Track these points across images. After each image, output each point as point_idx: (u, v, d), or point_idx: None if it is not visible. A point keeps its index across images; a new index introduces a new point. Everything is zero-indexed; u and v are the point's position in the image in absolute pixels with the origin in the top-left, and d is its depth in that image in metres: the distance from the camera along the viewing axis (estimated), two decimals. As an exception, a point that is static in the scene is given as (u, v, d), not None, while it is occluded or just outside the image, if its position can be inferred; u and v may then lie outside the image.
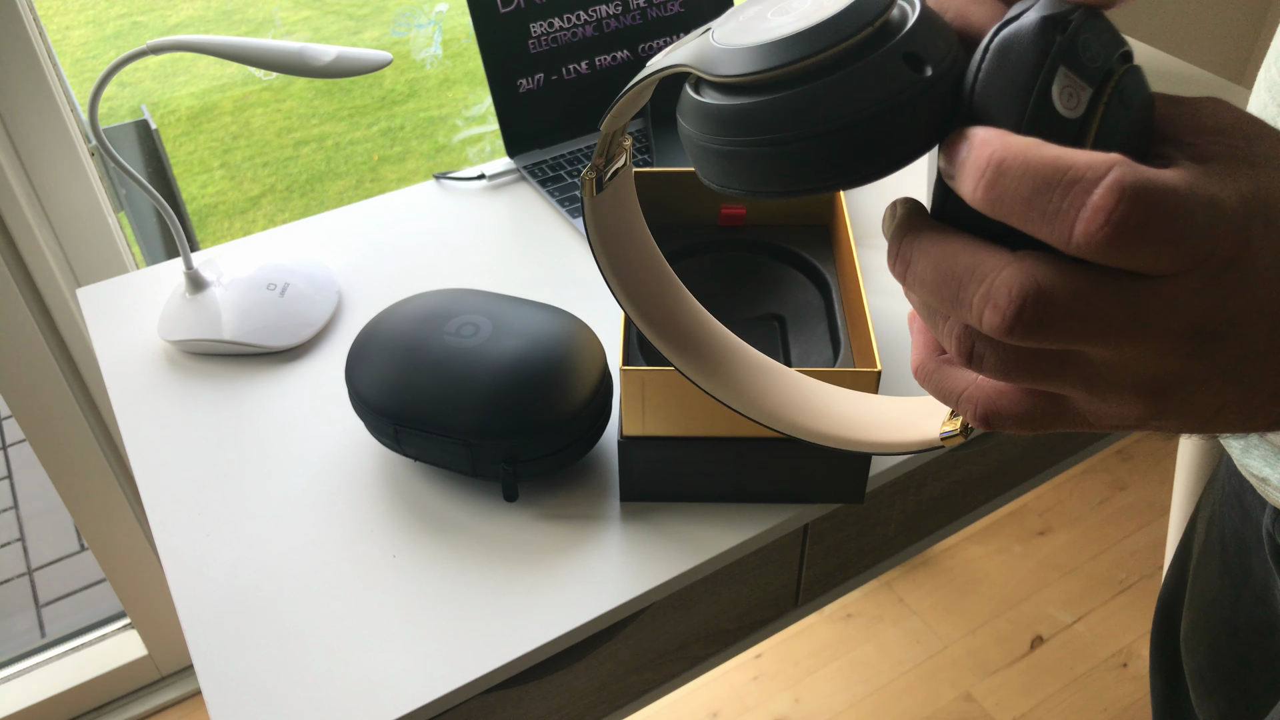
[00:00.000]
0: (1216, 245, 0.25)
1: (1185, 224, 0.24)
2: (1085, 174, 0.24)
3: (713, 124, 0.30)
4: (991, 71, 0.27)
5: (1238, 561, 0.68)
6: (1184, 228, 0.24)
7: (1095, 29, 0.27)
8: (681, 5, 1.11)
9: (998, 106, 0.27)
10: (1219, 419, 0.29)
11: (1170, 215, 0.24)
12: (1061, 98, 0.27)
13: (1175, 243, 0.25)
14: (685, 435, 0.67)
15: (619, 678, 0.76)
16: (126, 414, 0.79)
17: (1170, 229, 0.24)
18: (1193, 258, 0.25)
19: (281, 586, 0.67)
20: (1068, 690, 1.49)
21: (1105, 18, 0.28)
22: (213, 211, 2.77)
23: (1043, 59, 0.27)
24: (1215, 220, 0.25)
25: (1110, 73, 0.27)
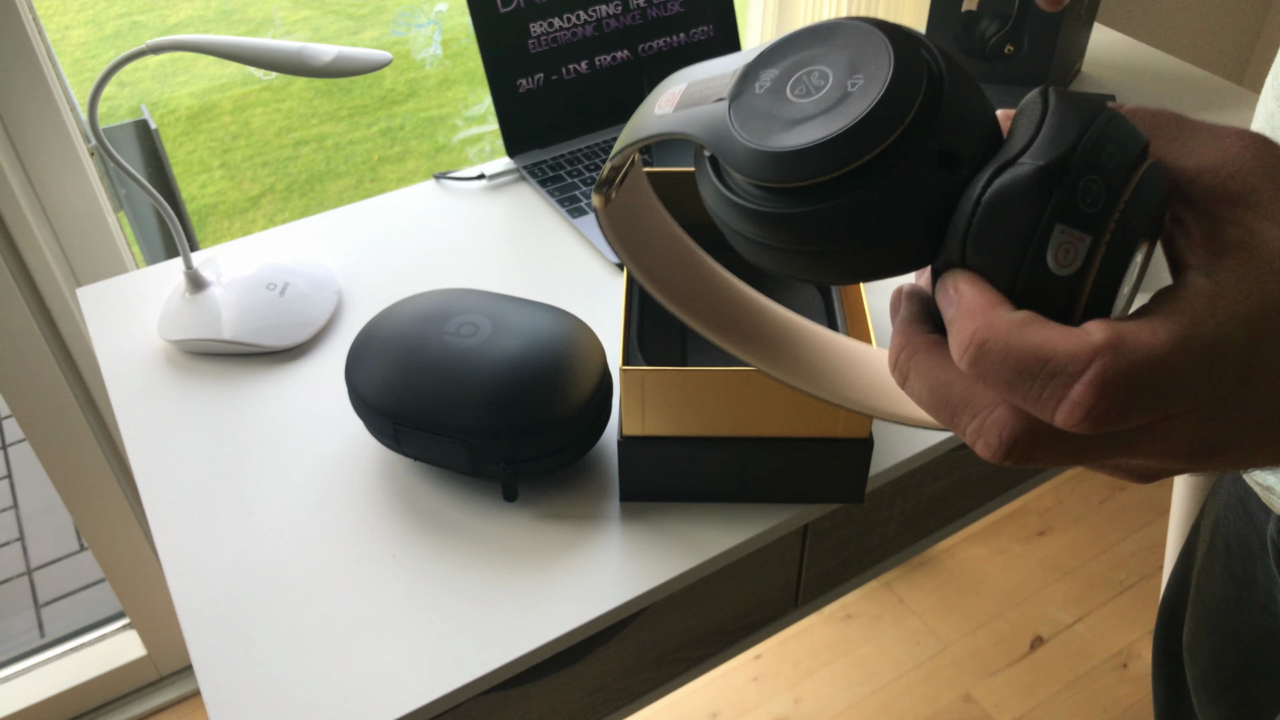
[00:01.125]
0: (1214, 388, 0.25)
1: (1173, 392, 0.25)
2: (1065, 366, 0.24)
3: (743, 219, 0.28)
4: (982, 229, 0.26)
5: (1241, 567, 0.67)
6: (1171, 396, 0.25)
7: (1100, 158, 0.25)
8: (681, 5, 1.11)
9: (990, 265, 0.26)
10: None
11: (1156, 390, 0.24)
12: (1057, 256, 0.25)
13: (1163, 409, 0.25)
14: (685, 435, 0.67)
15: (619, 678, 0.76)
16: (126, 414, 0.79)
17: (1156, 402, 0.24)
18: (1185, 407, 0.25)
19: (281, 586, 0.67)
20: (1068, 691, 1.49)
21: (1121, 119, 0.26)
22: (212, 211, 2.77)
23: (1036, 221, 0.25)
24: (1213, 367, 0.25)
25: (1116, 199, 0.25)
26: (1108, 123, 0.25)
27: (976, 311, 0.26)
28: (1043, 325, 0.25)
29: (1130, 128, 0.26)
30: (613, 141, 1.08)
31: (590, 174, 1.04)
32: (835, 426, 0.66)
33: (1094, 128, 0.25)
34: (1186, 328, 0.25)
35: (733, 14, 1.14)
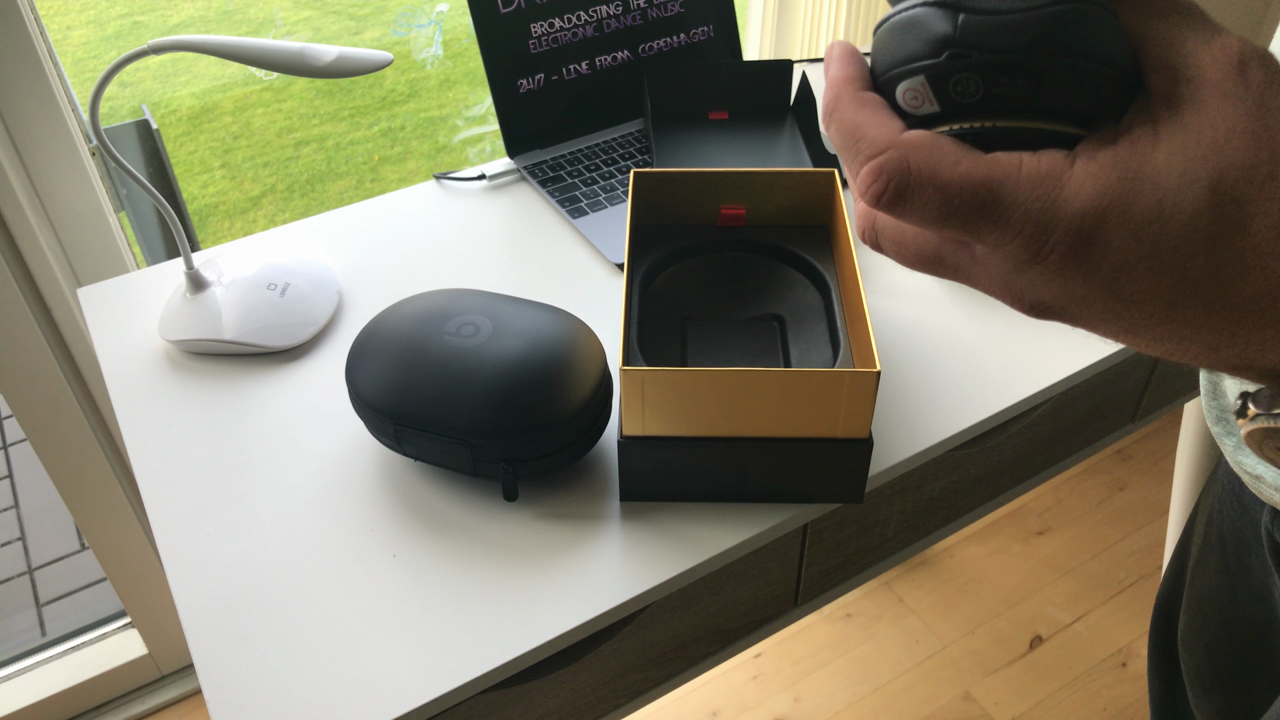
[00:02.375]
0: (1002, 239, 0.28)
1: (948, 212, 0.28)
2: (867, 147, 0.29)
3: None
4: (875, 41, 0.32)
5: (1236, 560, 0.68)
6: (946, 215, 0.28)
7: (991, 39, 0.28)
8: (682, 6, 1.11)
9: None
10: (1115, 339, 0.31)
11: (929, 203, 0.28)
12: (904, 97, 0.30)
13: (939, 224, 0.29)
14: (685, 435, 0.67)
15: (619, 676, 0.76)
16: (127, 413, 0.80)
17: (930, 214, 0.28)
18: (973, 238, 0.29)
19: (282, 585, 0.67)
20: (1067, 690, 1.49)
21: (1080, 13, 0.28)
22: (213, 211, 2.78)
23: (893, 60, 0.30)
24: (999, 219, 0.28)
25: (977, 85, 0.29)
26: (1048, 10, 0.28)
27: (832, 84, 0.31)
28: (872, 108, 0.30)
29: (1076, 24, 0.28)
30: (613, 142, 1.09)
31: (590, 174, 1.04)
32: (835, 426, 0.67)
33: (1024, 15, 0.28)
34: (994, 177, 0.28)
35: (733, 14, 1.15)
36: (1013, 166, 0.28)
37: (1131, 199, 0.27)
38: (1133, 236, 0.27)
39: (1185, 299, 0.27)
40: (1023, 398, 0.79)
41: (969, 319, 0.86)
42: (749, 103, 1.10)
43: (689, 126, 1.08)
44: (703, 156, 1.04)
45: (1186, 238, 0.26)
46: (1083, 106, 0.29)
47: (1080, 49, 0.28)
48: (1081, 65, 0.28)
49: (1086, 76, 0.28)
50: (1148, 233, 0.27)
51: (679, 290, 0.80)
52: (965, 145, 0.29)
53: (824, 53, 0.34)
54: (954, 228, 0.28)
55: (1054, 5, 0.28)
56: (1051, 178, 0.27)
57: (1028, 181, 0.28)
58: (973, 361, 0.82)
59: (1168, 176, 0.26)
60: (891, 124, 0.29)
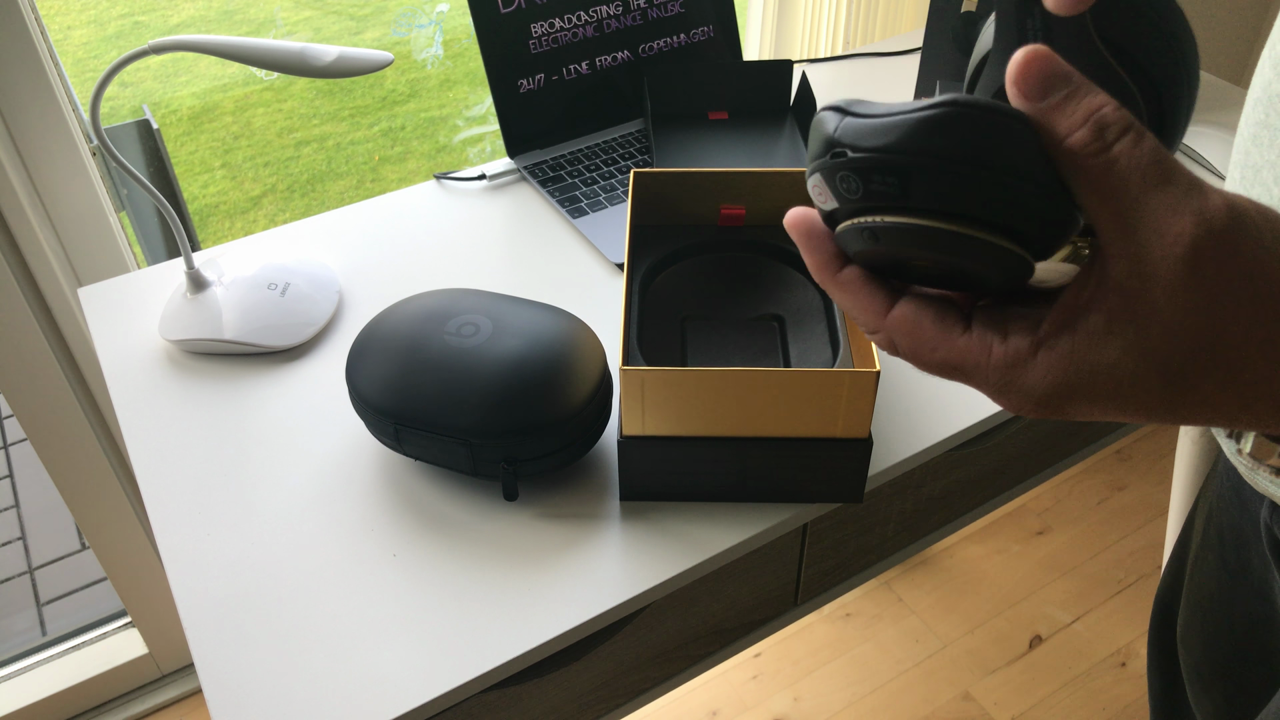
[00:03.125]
0: (992, 396, 0.34)
1: (935, 373, 0.35)
2: (859, 325, 0.36)
3: None
4: None
5: (1235, 556, 0.68)
6: (934, 372, 0.35)
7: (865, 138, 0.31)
8: (682, 6, 1.11)
9: None
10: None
11: (919, 365, 0.35)
12: (815, 192, 0.34)
13: (941, 375, 0.35)
14: (685, 435, 0.67)
15: (618, 676, 0.76)
16: (127, 413, 0.80)
17: (922, 369, 0.35)
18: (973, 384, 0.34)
19: (282, 585, 0.67)
20: (1066, 689, 1.49)
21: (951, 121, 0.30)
22: (214, 211, 2.78)
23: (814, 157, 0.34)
24: (975, 382, 0.34)
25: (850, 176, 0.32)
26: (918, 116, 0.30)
27: (813, 269, 0.36)
28: (853, 291, 0.35)
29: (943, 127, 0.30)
30: (613, 142, 1.09)
31: (590, 174, 1.04)
32: (835, 426, 0.67)
33: (896, 118, 0.30)
34: (967, 363, 0.33)
35: (733, 14, 1.15)
36: (983, 354, 0.32)
37: (1089, 384, 0.31)
38: (1095, 409, 0.32)
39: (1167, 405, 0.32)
40: (1022, 398, 0.79)
41: (968, 319, 0.86)
42: (749, 103, 1.10)
43: (689, 126, 1.08)
44: (703, 156, 1.04)
45: (1145, 406, 0.31)
46: (956, 206, 0.30)
47: (943, 149, 0.29)
48: (944, 166, 0.29)
49: (951, 177, 0.29)
50: (1109, 405, 0.31)
51: (679, 290, 0.80)
52: (945, 324, 0.33)
53: (786, 225, 0.38)
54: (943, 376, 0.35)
55: (926, 109, 0.29)
56: (1017, 366, 0.32)
57: (995, 368, 0.32)
58: (972, 361, 0.82)
59: (1122, 369, 0.30)
60: (875, 304, 0.34)
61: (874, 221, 0.32)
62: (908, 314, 0.34)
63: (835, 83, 1.21)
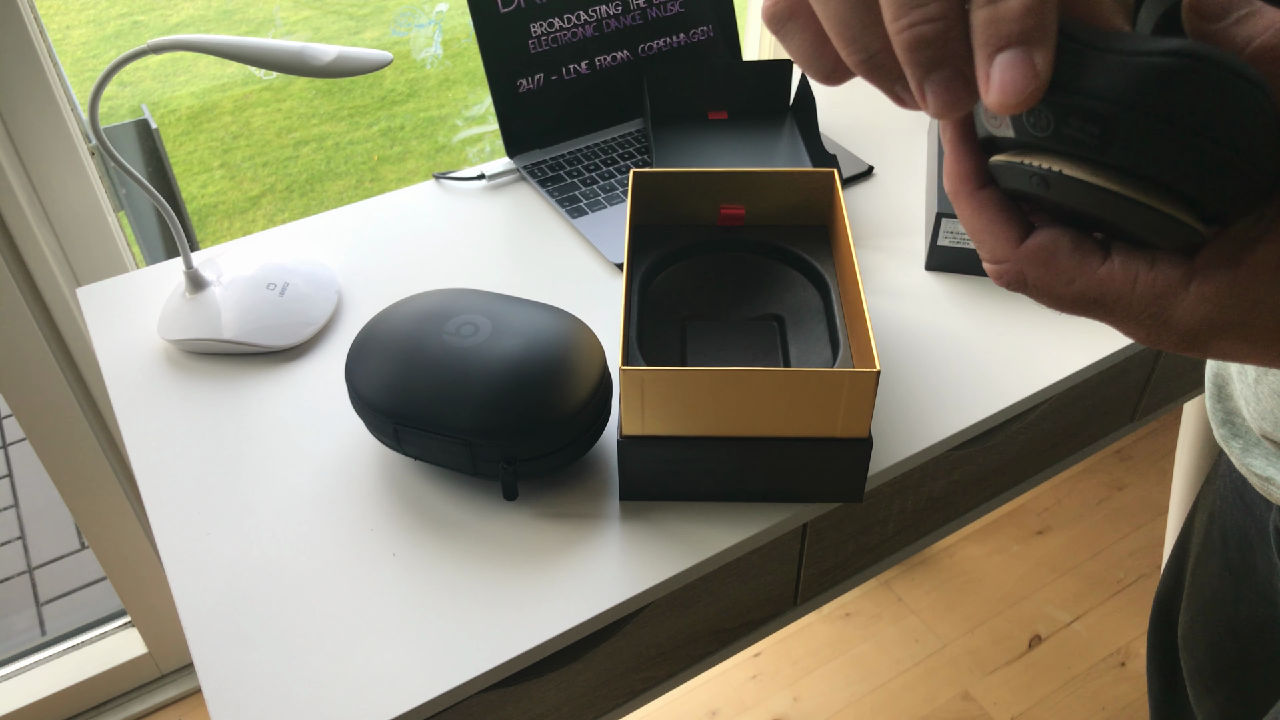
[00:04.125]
0: (1124, 325, 0.30)
1: (1067, 310, 0.31)
2: (985, 253, 0.31)
3: None
4: None
5: (1239, 558, 0.68)
6: (1065, 310, 0.31)
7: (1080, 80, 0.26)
8: (681, 5, 1.11)
9: None
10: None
11: (1048, 303, 0.31)
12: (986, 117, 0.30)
13: (1061, 311, 0.31)
14: (684, 435, 0.67)
15: (618, 676, 0.76)
16: (127, 413, 0.80)
17: (1051, 305, 0.31)
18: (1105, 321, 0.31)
19: (282, 585, 0.67)
20: (1066, 689, 1.49)
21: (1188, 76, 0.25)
22: (213, 211, 2.77)
23: None
24: (1115, 318, 0.30)
25: (1049, 116, 0.27)
26: (1145, 62, 0.25)
27: (949, 177, 0.32)
28: (988, 214, 0.31)
29: (1172, 80, 0.25)
30: (613, 142, 1.09)
31: (590, 174, 1.04)
32: (834, 426, 0.67)
33: (1119, 57, 0.26)
34: (1107, 295, 0.29)
35: (733, 14, 1.15)
36: (1127, 284, 0.29)
37: (1247, 321, 0.28)
38: (1245, 349, 0.28)
39: None
40: (1022, 397, 0.79)
41: (969, 319, 0.86)
42: (749, 103, 1.10)
43: (689, 126, 1.08)
44: (703, 156, 1.04)
45: None
46: (1164, 174, 0.26)
47: (1166, 109, 0.25)
48: (1162, 127, 0.25)
49: (1167, 141, 0.25)
50: (1267, 346, 0.28)
51: (679, 290, 0.80)
52: (1082, 253, 0.29)
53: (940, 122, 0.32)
54: (1076, 314, 0.31)
55: (1160, 56, 0.25)
56: (1166, 297, 0.28)
57: (1140, 299, 0.29)
58: (973, 361, 0.82)
59: None
60: (1009, 231, 0.30)
61: (1050, 170, 0.27)
62: (1044, 242, 0.30)
63: (835, 82, 1.21)
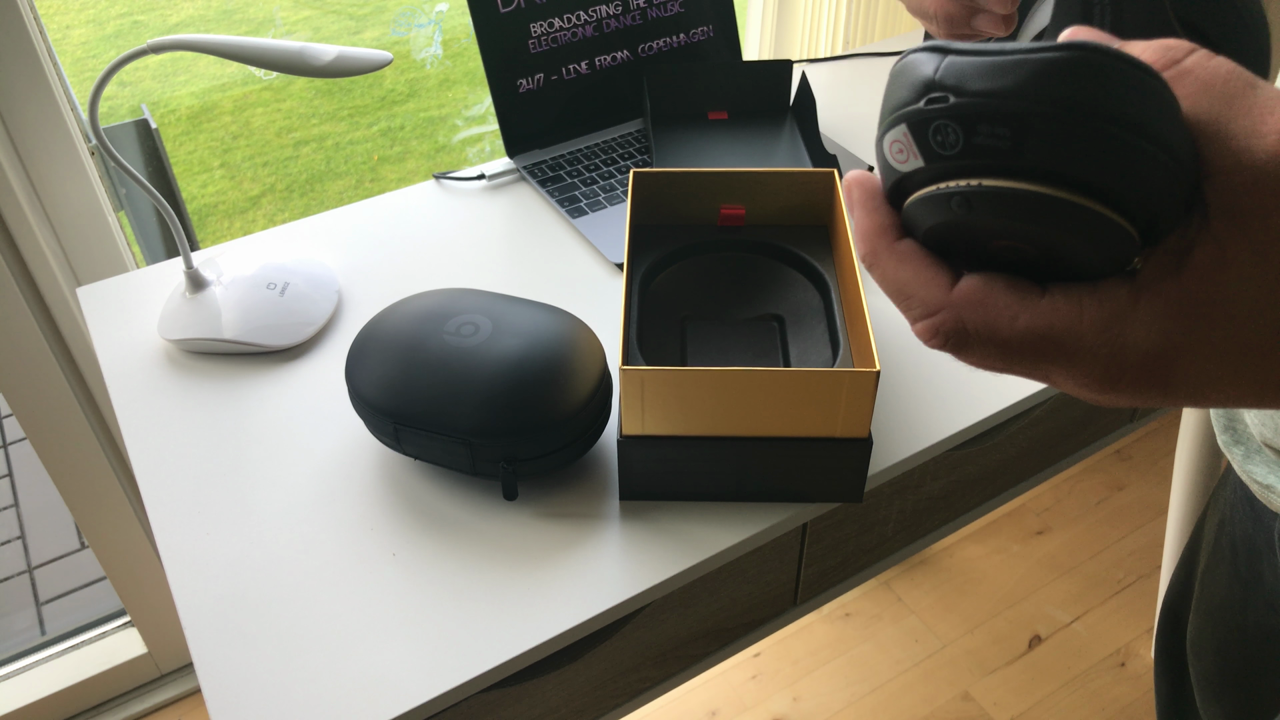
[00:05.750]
0: (1073, 372, 0.28)
1: (1012, 362, 0.29)
2: (916, 307, 0.30)
3: None
4: None
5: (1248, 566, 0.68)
6: (1010, 363, 0.29)
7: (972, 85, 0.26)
8: (681, 5, 1.11)
9: None
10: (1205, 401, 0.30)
11: (990, 354, 0.29)
12: (891, 151, 0.29)
13: (1006, 369, 0.29)
14: (684, 435, 0.67)
15: (618, 676, 0.76)
16: (127, 413, 0.80)
17: (993, 361, 0.29)
18: (1055, 373, 0.29)
19: (281, 585, 0.67)
20: (1066, 689, 1.49)
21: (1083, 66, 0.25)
22: (213, 211, 2.77)
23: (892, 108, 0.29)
24: (1067, 358, 0.28)
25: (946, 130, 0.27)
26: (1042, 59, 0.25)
27: (864, 236, 0.31)
28: (913, 264, 0.30)
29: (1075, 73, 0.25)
30: (613, 142, 1.09)
31: (590, 174, 1.04)
32: (834, 426, 0.67)
33: (1015, 57, 0.26)
34: (1056, 329, 0.28)
35: (733, 14, 1.15)
36: (1074, 315, 0.27)
37: (1206, 331, 0.26)
38: (1212, 361, 0.26)
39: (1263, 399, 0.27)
40: (1022, 397, 0.79)
41: (968, 319, 0.86)
42: (749, 103, 1.10)
43: (689, 126, 1.08)
44: (703, 156, 1.04)
45: (1269, 351, 0.26)
46: (1084, 170, 0.26)
47: (1073, 99, 0.25)
48: (1073, 119, 0.25)
49: (1080, 133, 0.25)
50: (1228, 357, 0.26)
51: (679, 290, 0.80)
52: (1019, 290, 0.28)
53: (844, 186, 0.31)
54: (1020, 369, 0.29)
55: (1055, 51, 0.25)
56: (1118, 319, 0.27)
57: (1091, 328, 0.27)
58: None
59: (1242, 303, 0.26)
60: (938, 279, 0.29)
61: (970, 186, 0.27)
62: (977, 284, 0.29)
63: (835, 83, 1.21)
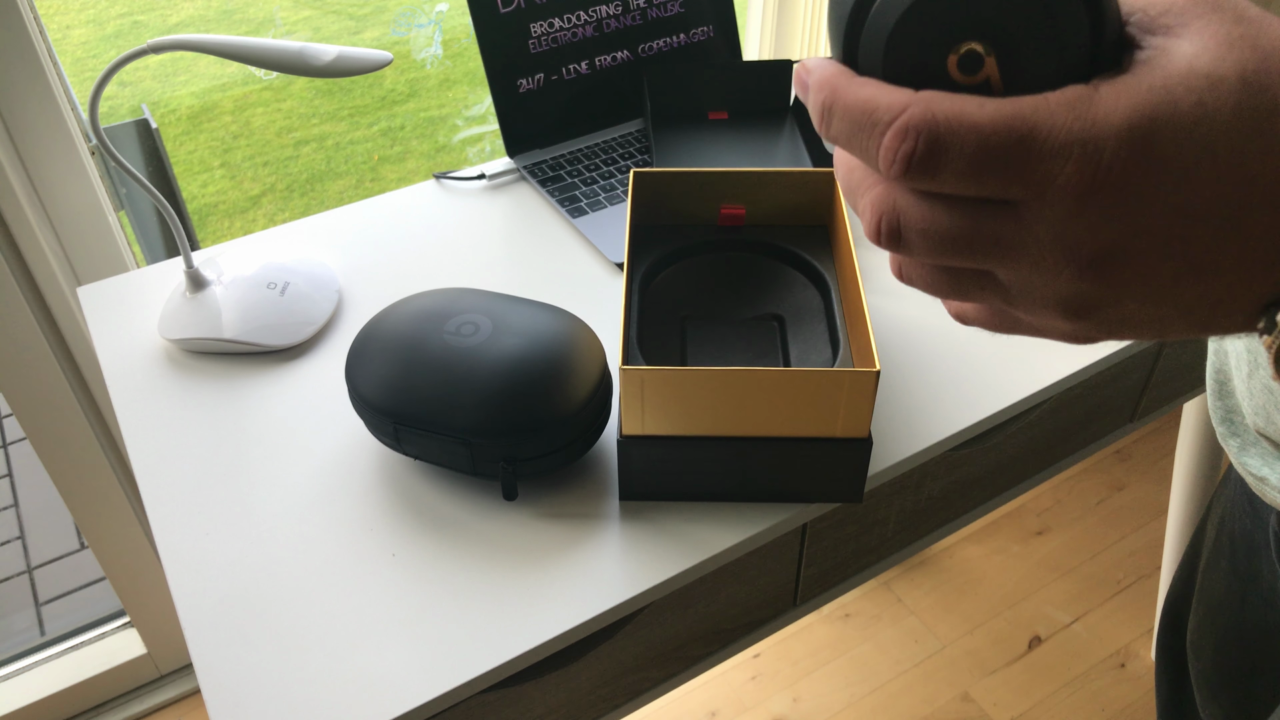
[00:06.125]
0: (1051, 173, 0.25)
1: (987, 158, 0.26)
2: (884, 115, 0.27)
3: None
4: None
5: (1246, 563, 0.68)
6: (986, 161, 0.26)
7: None
8: (681, 6, 1.11)
9: None
10: (1148, 332, 0.29)
11: (965, 152, 0.26)
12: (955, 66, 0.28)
13: (979, 176, 0.26)
14: (684, 435, 0.67)
15: (618, 676, 0.76)
16: (127, 412, 0.80)
17: (968, 164, 0.26)
18: (1019, 187, 0.26)
19: (281, 585, 0.67)
20: (1065, 690, 1.49)
21: None
22: (213, 211, 2.77)
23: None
24: (1043, 151, 0.25)
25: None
26: None
27: (822, 82, 0.28)
28: (875, 84, 0.27)
29: None
30: (613, 142, 1.09)
31: (590, 174, 1.04)
32: (834, 426, 0.67)
33: None
34: (1024, 110, 0.26)
35: (733, 14, 1.15)
36: (1039, 99, 0.26)
37: (1173, 102, 0.25)
38: (1188, 137, 0.25)
39: (1252, 200, 0.26)
40: (1022, 397, 0.79)
41: (968, 319, 0.86)
42: (749, 103, 1.10)
43: (689, 126, 1.08)
44: (703, 156, 1.04)
45: (1237, 130, 0.25)
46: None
47: None
48: None
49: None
50: (1200, 132, 0.25)
51: (679, 290, 0.80)
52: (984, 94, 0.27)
53: (795, 72, 0.30)
54: (995, 177, 0.26)
55: None
56: (1082, 100, 0.26)
57: (1060, 107, 0.26)
58: (972, 361, 0.82)
59: (1196, 78, 0.25)
60: (904, 90, 0.27)
61: None
62: (944, 91, 0.27)
63: (835, 83, 1.21)
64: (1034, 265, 0.27)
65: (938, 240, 0.28)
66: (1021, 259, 0.27)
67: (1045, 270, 0.27)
